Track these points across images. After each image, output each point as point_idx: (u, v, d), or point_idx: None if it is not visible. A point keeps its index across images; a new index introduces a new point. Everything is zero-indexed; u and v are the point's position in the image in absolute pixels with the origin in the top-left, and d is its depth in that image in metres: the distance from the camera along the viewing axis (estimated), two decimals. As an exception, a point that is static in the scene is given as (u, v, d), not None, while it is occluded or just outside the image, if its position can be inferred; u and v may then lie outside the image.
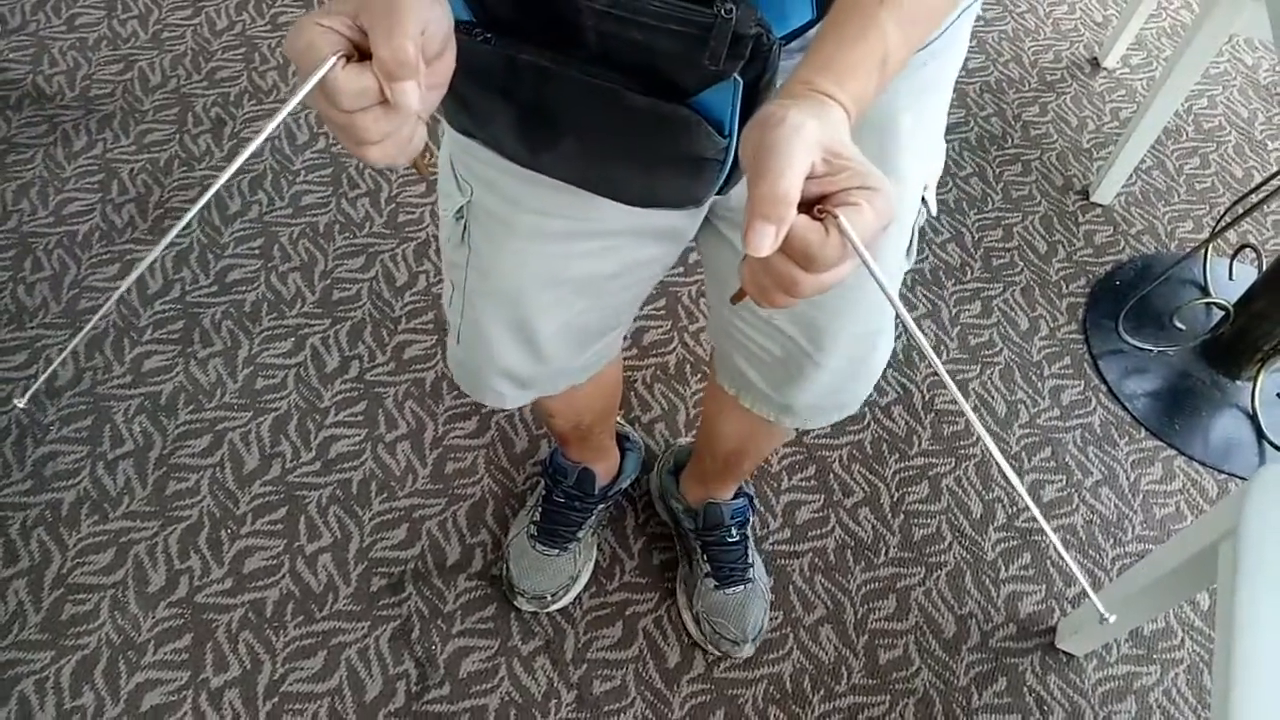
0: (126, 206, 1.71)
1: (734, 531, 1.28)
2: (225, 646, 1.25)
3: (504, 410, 1.49)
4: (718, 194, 0.65)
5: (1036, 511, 0.49)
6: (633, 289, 0.89)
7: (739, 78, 0.54)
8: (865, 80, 0.50)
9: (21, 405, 1.42)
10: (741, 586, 1.28)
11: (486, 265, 0.82)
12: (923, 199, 0.80)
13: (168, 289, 1.60)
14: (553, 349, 0.89)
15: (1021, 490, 0.48)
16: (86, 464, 1.39)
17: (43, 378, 1.45)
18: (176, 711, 1.20)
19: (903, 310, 0.47)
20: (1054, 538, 0.47)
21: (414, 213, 1.74)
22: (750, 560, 1.31)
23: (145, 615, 1.27)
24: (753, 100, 0.56)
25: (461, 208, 0.80)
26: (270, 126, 0.45)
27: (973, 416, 0.46)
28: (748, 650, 1.28)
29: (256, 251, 1.66)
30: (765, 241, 0.42)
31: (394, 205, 1.75)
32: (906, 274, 0.99)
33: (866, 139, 0.69)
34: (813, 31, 0.56)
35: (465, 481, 1.42)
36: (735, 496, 1.29)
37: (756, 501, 1.41)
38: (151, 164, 1.77)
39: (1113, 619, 0.55)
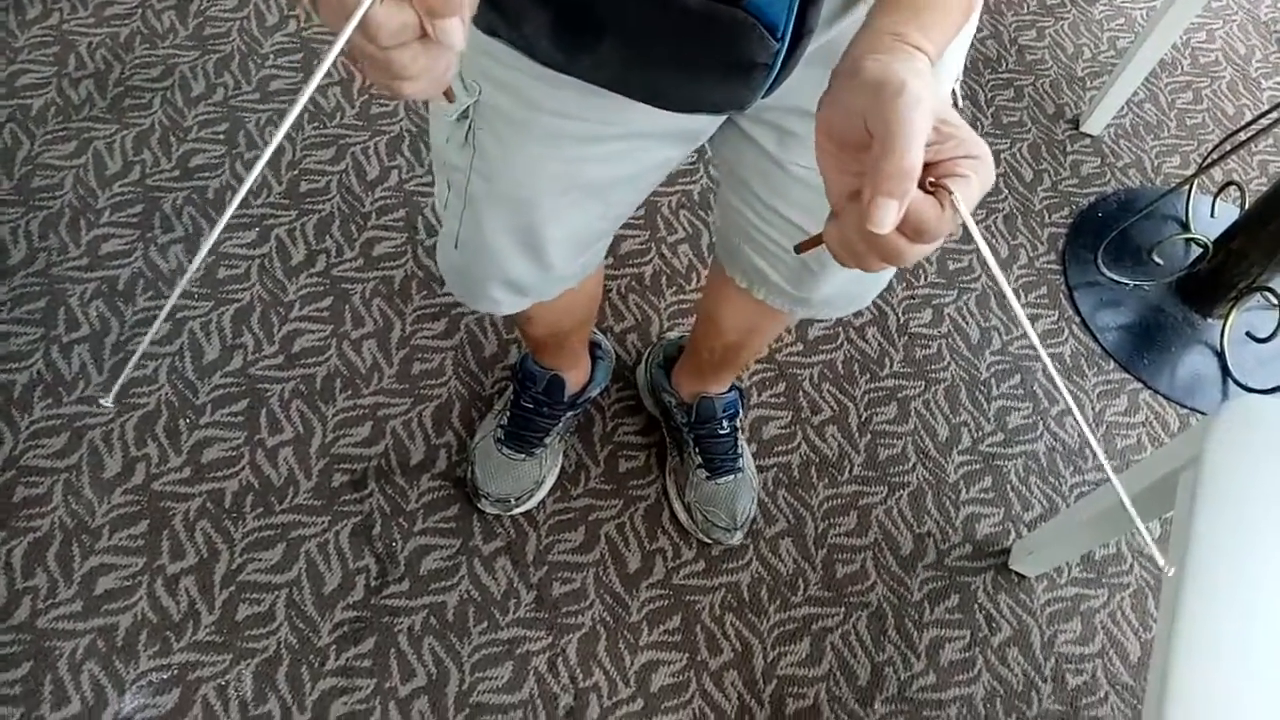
0: (84, 82, 1.63)
1: (725, 424, 1.29)
2: (182, 535, 1.24)
3: (476, 314, 1.47)
4: (761, 98, 0.63)
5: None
6: (642, 191, 0.87)
7: None
8: (950, 30, 0.50)
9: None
10: (732, 476, 1.30)
11: (494, 169, 0.78)
12: (953, 91, 0.79)
13: (127, 170, 1.54)
14: (557, 256, 0.86)
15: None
16: (40, 346, 1.35)
17: None
18: (131, 595, 1.19)
19: (989, 254, 0.46)
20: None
21: (388, 105, 1.68)
22: (739, 451, 1.33)
23: (100, 501, 1.25)
24: (806, 3, 0.55)
25: (467, 108, 0.76)
26: (318, 73, 0.41)
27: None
28: (737, 538, 1.30)
29: (221, 137, 1.60)
30: (891, 217, 0.42)
31: (366, 96, 1.68)
32: None
33: None
34: None
35: (432, 383, 1.40)
36: (727, 390, 1.30)
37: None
38: (111, 38, 1.69)
39: (1170, 572, 0.54)
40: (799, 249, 0.55)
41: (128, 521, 1.24)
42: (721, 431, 1.30)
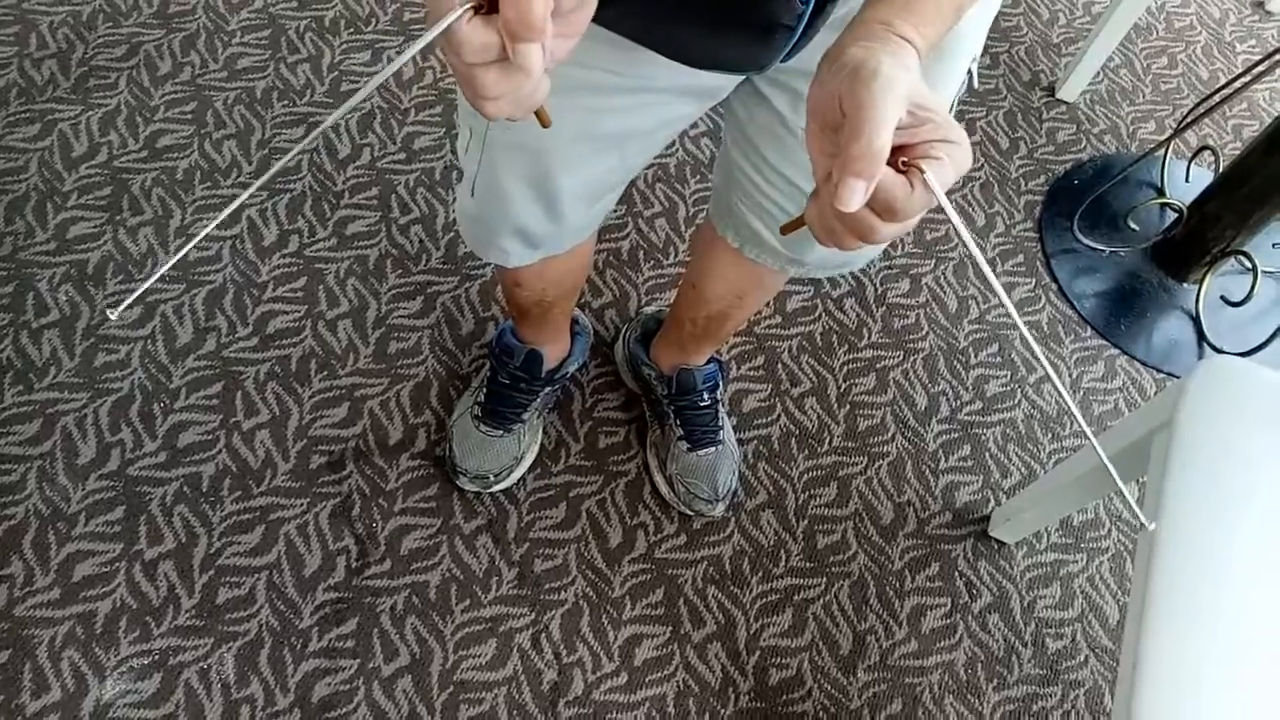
0: (47, 62, 1.59)
1: (705, 396, 1.29)
2: (160, 520, 1.23)
3: (453, 292, 1.45)
4: (781, 61, 0.62)
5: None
6: (655, 146, 0.88)
7: None
8: (942, 25, 0.50)
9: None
10: (713, 448, 1.30)
11: None
12: (968, 71, 0.79)
13: (94, 152, 1.51)
14: (569, 206, 0.87)
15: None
16: (9, 332, 1.33)
17: None
18: (110, 582, 1.18)
19: (969, 237, 0.48)
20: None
21: (357, 81, 1.65)
22: (720, 423, 1.33)
23: (75, 487, 1.24)
24: None
25: None
26: (387, 71, 0.43)
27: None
28: (719, 510, 1.30)
29: (189, 116, 1.57)
30: (856, 197, 0.43)
31: (336, 73, 1.66)
32: None
33: None
34: None
35: (409, 362, 1.39)
36: (707, 363, 1.30)
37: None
38: (73, 17, 1.65)
39: (1152, 527, 0.55)
40: (784, 230, 0.56)
41: (104, 507, 1.23)
42: (702, 403, 1.30)
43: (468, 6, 0.40)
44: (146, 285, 0.50)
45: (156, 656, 1.15)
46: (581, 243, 1.00)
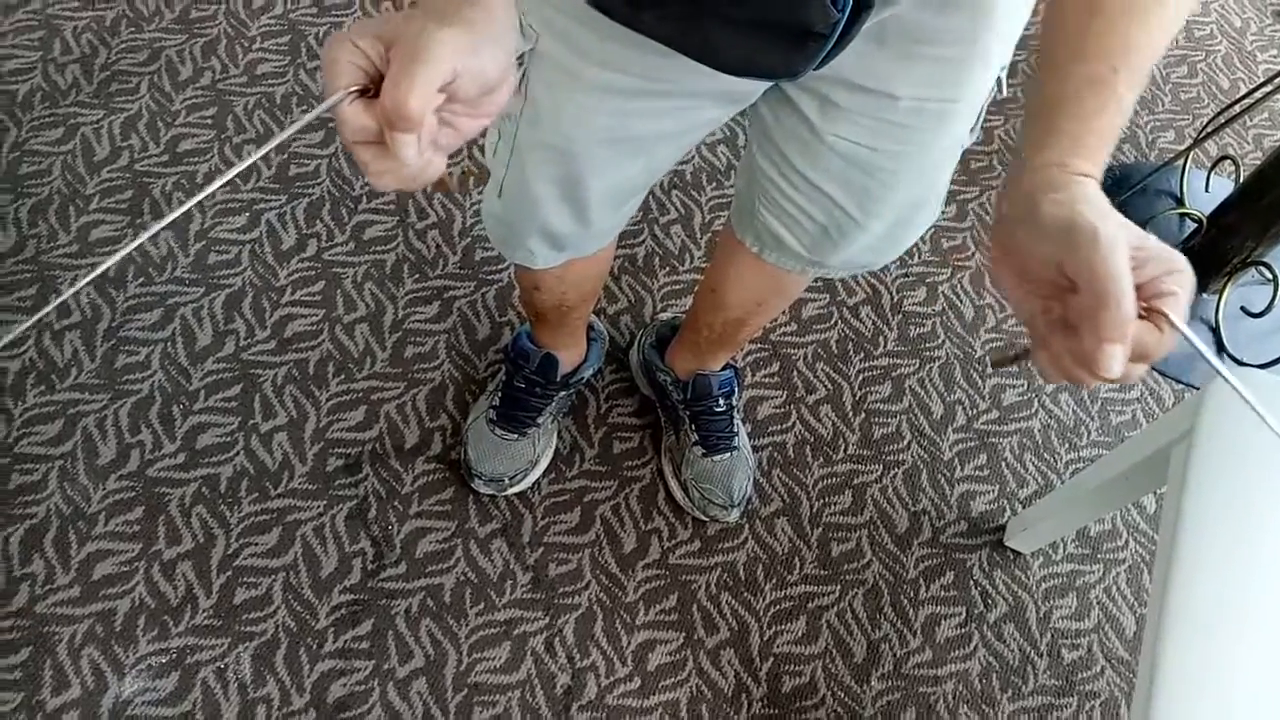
0: (70, 67, 1.61)
1: (721, 402, 1.29)
2: (178, 520, 1.24)
3: (469, 297, 1.46)
4: (815, 69, 0.63)
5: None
6: (682, 150, 0.88)
7: None
8: (1110, 148, 0.50)
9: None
10: (728, 454, 1.30)
11: (542, 118, 0.79)
12: (998, 78, 0.80)
13: (115, 156, 1.53)
14: (596, 208, 0.88)
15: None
16: (32, 333, 1.35)
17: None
18: (129, 581, 1.19)
19: (1183, 329, 0.47)
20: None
21: (377, 87, 1.66)
22: (735, 429, 1.33)
23: (95, 487, 1.25)
24: None
25: (523, 55, 0.77)
26: (273, 142, 0.47)
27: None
28: (734, 516, 1.30)
29: (209, 121, 1.59)
30: (1118, 362, 0.44)
31: (356, 78, 1.67)
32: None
33: (958, 17, 0.69)
34: None
35: (425, 366, 1.40)
36: (723, 369, 1.30)
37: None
38: (97, 22, 1.67)
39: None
40: (995, 364, 0.57)
41: (123, 507, 1.24)
42: (718, 409, 1.30)
43: (351, 90, 0.43)
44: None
45: (174, 655, 1.16)
46: (604, 246, 1.00)
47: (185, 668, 1.15)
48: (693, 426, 1.31)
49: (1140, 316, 0.45)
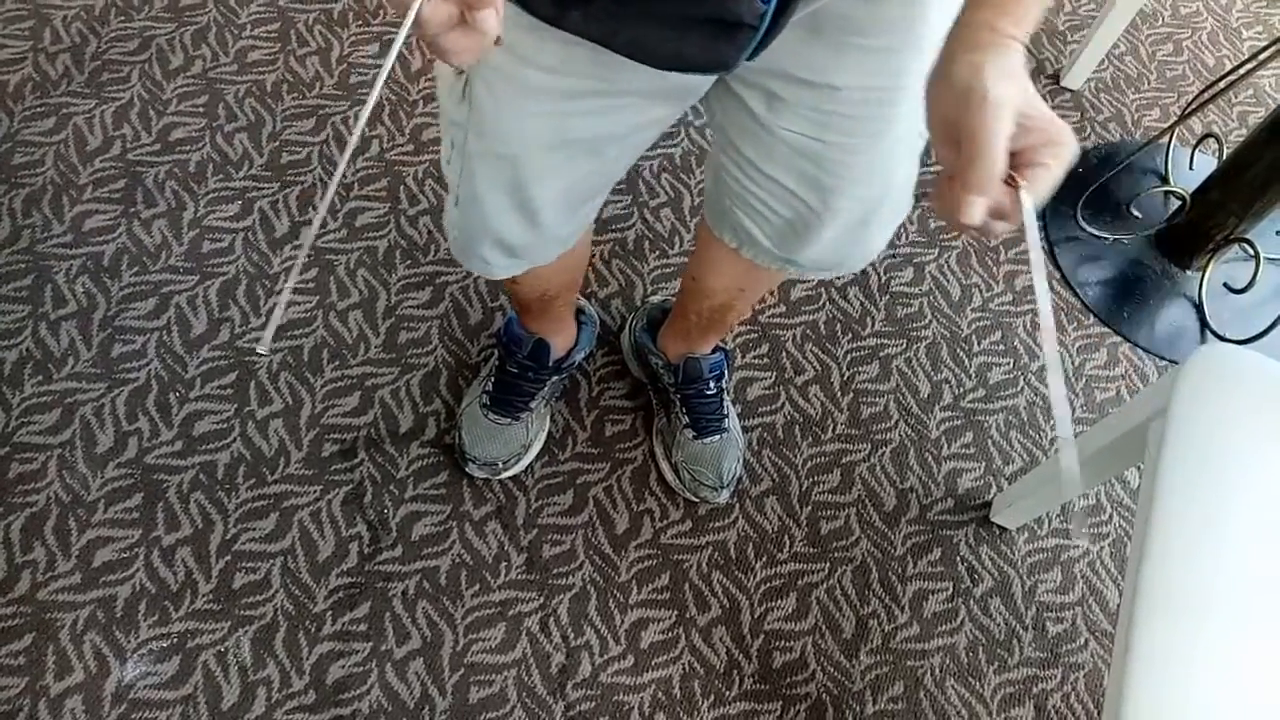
0: (61, 57, 1.62)
1: (711, 385, 1.31)
2: (176, 506, 1.26)
3: (462, 282, 1.48)
4: (747, 60, 0.63)
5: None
6: (633, 150, 0.87)
7: None
8: (1038, 13, 0.54)
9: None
10: (718, 436, 1.32)
11: (486, 124, 0.79)
12: None
13: (108, 145, 1.53)
14: (549, 215, 0.87)
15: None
16: (28, 323, 1.36)
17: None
18: (129, 567, 1.21)
19: (1040, 260, 0.52)
20: None
21: (366, 74, 1.67)
22: (725, 411, 1.35)
23: (94, 475, 1.27)
24: None
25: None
26: (384, 70, 0.49)
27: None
28: (724, 497, 1.32)
29: (200, 109, 1.59)
30: (977, 212, 0.49)
31: (345, 65, 1.68)
32: None
33: (888, 7, 0.69)
34: None
35: (418, 351, 1.42)
36: (713, 351, 1.32)
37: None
38: (86, 11, 1.67)
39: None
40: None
41: (122, 495, 1.26)
42: (708, 392, 1.32)
43: None
44: (282, 304, 0.53)
45: (175, 639, 1.18)
46: (567, 250, 0.99)
47: (186, 652, 1.17)
48: (683, 409, 1.32)
49: (1008, 182, 0.50)
